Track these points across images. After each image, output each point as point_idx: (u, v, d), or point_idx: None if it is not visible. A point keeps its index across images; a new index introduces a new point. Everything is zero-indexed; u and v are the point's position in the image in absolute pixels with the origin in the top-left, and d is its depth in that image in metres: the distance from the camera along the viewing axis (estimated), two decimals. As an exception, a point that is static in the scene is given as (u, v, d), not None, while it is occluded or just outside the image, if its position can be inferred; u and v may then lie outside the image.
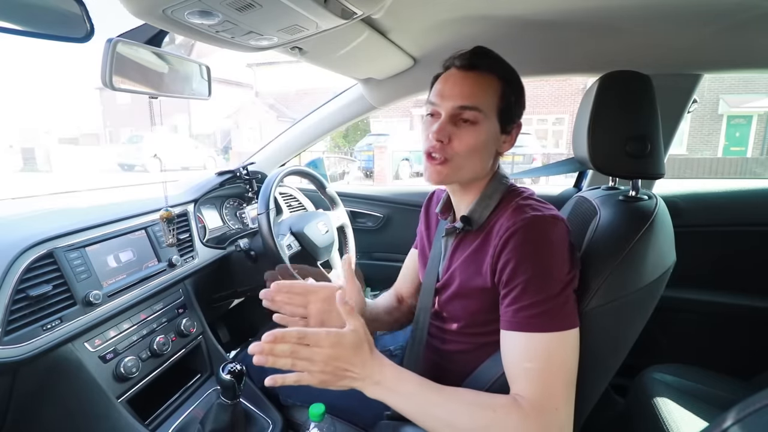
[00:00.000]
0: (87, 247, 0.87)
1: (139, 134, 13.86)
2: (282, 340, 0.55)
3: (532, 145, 9.41)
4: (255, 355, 0.56)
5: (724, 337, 1.25)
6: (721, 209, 1.31)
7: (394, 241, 1.69)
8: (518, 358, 0.57)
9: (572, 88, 12.68)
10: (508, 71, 0.69)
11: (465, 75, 0.67)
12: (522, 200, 0.67)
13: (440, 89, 0.69)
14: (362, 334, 0.59)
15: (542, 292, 0.57)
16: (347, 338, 0.57)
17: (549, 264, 0.58)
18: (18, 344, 0.69)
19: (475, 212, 0.70)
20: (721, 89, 11.51)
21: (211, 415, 0.84)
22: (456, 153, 0.67)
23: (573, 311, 0.58)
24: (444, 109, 0.67)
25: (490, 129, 0.68)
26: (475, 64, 0.67)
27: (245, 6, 0.66)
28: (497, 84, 0.67)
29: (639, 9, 0.86)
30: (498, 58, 0.70)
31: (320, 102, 1.53)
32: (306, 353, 0.56)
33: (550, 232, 0.60)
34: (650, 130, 0.67)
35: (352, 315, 0.59)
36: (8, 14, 0.61)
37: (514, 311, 0.59)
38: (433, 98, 0.69)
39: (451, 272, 0.73)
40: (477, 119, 0.66)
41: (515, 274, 0.59)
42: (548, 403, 0.54)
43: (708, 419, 0.79)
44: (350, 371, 0.57)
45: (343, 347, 0.56)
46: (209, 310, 1.22)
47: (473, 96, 0.66)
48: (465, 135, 0.66)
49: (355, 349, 0.57)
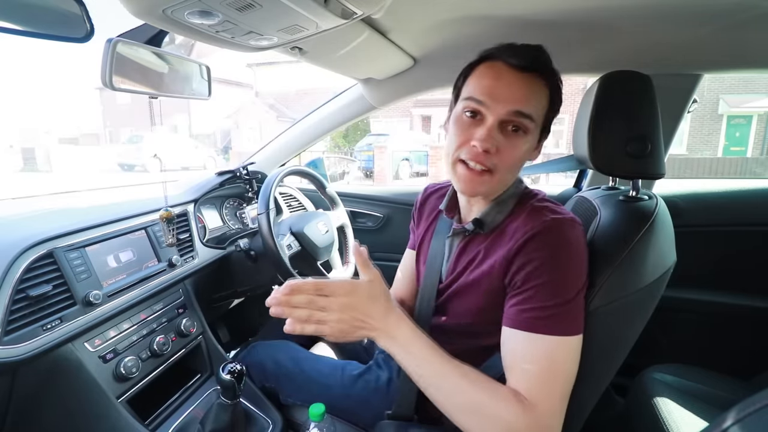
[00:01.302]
0: (87, 247, 0.86)
1: (139, 134, 13.86)
2: (299, 291, 0.55)
3: (532, 145, 9.40)
4: (272, 306, 0.56)
5: (724, 337, 1.25)
6: (721, 209, 1.31)
7: (394, 241, 1.69)
8: (519, 358, 0.57)
9: (572, 88, 12.65)
10: (556, 77, 0.63)
11: (521, 76, 0.60)
12: (537, 202, 0.65)
13: (489, 87, 0.60)
14: (378, 285, 0.58)
15: (555, 297, 0.56)
16: (363, 288, 0.57)
17: (566, 270, 0.57)
18: (18, 344, 0.69)
19: (489, 215, 0.67)
20: (721, 89, 11.51)
21: (211, 415, 0.84)
22: (501, 165, 0.61)
23: (580, 317, 0.58)
24: (494, 113, 0.60)
25: (533, 139, 0.63)
26: (534, 65, 0.60)
27: (245, 6, 0.66)
28: (546, 92, 0.62)
29: (639, 9, 0.86)
30: (550, 60, 0.62)
31: (320, 102, 1.53)
32: (323, 303, 0.55)
33: (569, 236, 0.59)
34: (650, 130, 0.67)
35: (368, 266, 0.58)
36: (8, 14, 0.61)
37: (521, 311, 0.58)
38: (480, 95, 0.60)
39: (456, 274, 0.71)
40: (528, 129, 0.60)
41: (530, 277, 0.57)
42: (544, 405, 0.54)
43: (708, 419, 0.79)
44: (367, 321, 0.56)
45: (359, 296, 0.56)
46: (209, 310, 1.22)
47: (529, 102, 0.59)
48: (513, 147, 0.60)
49: (372, 299, 0.57)
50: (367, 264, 0.59)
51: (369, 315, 0.56)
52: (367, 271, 0.58)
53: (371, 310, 0.56)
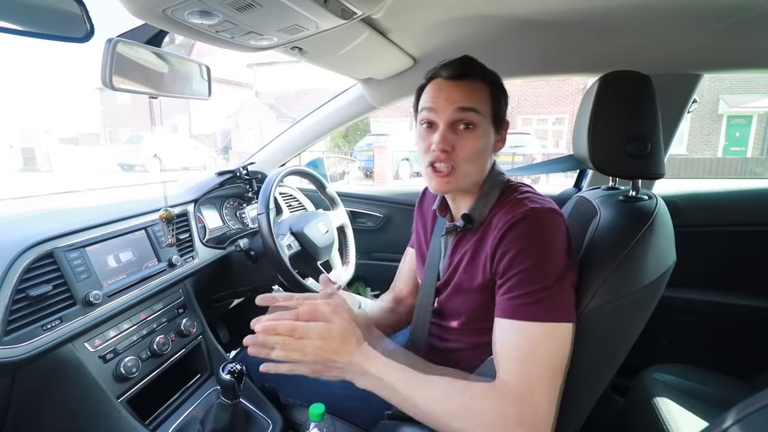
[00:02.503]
0: (87, 247, 0.86)
1: (139, 134, 13.86)
2: (273, 332, 0.60)
3: (532, 145, 9.42)
4: (249, 346, 0.60)
5: (724, 337, 1.25)
6: (721, 209, 1.31)
7: (394, 241, 1.69)
8: (505, 345, 0.59)
9: (572, 88, 12.68)
10: (492, 75, 0.71)
11: (457, 84, 0.68)
12: (520, 194, 0.68)
13: (433, 97, 0.69)
14: (349, 326, 0.61)
15: (537, 283, 0.58)
16: (334, 331, 0.60)
17: (545, 256, 0.59)
18: (18, 344, 0.69)
19: (476, 210, 0.71)
20: (721, 89, 11.51)
21: (211, 415, 0.84)
22: (461, 160, 0.67)
23: (567, 305, 0.59)
24: (442, 117, 0.67)
25: (487, 131, 0.69)
26: (464, 73, 0.68)
27: (245, 6, 0.66)
28: (486, 88, 0.69)
29: (639, 9, 0.86)
30: (482, 64, 0.71)
31: (320, 102, 1.53)
32: (296, 345, 0.59)
33: (547, 224, 0.61)
34: (650, 130, 0.67)
35: (337, 310, 0.62)
36: (8, 14, 0.61)
37: (508, 299, 0.60)
38: (429, 105, 0.69)
39: (452, 270, 0.73)
40: (476, 122, 0.67)
41: (512, 264, 0.60)
42: (525, 388, 0.54)
43: (708, 419, 0.79)
44: (338, 361, 0.59)
45: (330, 339, 0.59)
46: (209, 310, 1.22)
47: (469, 99, 0.67)
48: (467, 141, 0.67)
49: (342, 341, 0.60)
50: (338, 309, 0.63)
51: (340, 355, 0.59)
52: (336, 315, 0.62)
53: (341, 350, 0.60)
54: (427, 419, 0.58)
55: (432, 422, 0.57)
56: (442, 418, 0.56)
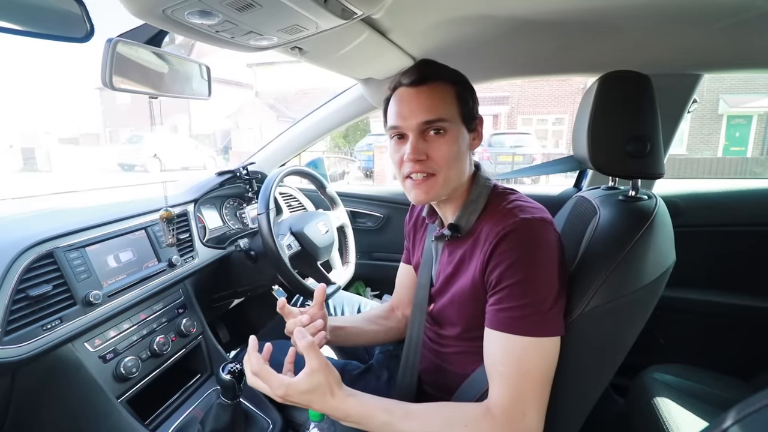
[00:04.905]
0: (87, 247, 0.86)
1: (139, 134, 13.85)
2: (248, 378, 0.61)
3: (532, 145, 9.42)
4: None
5: (724, 337, 1.26)
6: (721, 209, 1.31)
7: (394, 241, 1.69)
8: (495, 360, 0.59)
9: (572, 88, 12.68)
10: (455, 74, 0.69)
11: (418, 90, 0.66)
12: (508, 203, 0.66)
13: (398, 110, 0.67)
14: (319, 375, 0.57)
15: (527, 297, 0.57)
16: (300, 385, 0.57)
17: (536, 269, 0.58)
18: (18, 344, 0.69)
19: (462, 218, 0.70)
20: (721, 89, 11.51)
21: (211, 415, 0.84)
22: (438, 166, 0.66)
23: (557, 319, 0.58)
24: (410, 128, 0.66)
25: (459, 133, 0.67)
26: (424, 77, 0.66)
27: (245, 6, 0.66)
28: (451, 89, 0.67)
29: (639, 9, 0.86)
30: (443, 65, 0.69)
31: (320, 102, 1.53)
32: (270, 391, 0.58)
33: (538, 235, 0.60)
34: (650, 130, 0.67)
35: (311, 352, 0.58)
36: (8, 14, 0.61)
37: (497, 311, 0.59)
38: (395, 121, 0.68)
39: (443, 278, 0.73)
40: (446, 128, 0.66)
41: (503, 278, 0.59)
42: (517, 408, 0.55)
43: (708, 419, 0.79)
44: (312, 407, 0.58)
45: (296, 393, 0.57)
46: (209, 310, 1.22)
47: (434, 107, 0.65)
48: (439, 146, 0.66)
49: (311, 392, 0.57)
50: (313, 350, 0.58)
51: (311, 402, 0.57)
52: (311, 359, 0.58)
53: (312, 398, 0.57)
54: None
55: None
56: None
